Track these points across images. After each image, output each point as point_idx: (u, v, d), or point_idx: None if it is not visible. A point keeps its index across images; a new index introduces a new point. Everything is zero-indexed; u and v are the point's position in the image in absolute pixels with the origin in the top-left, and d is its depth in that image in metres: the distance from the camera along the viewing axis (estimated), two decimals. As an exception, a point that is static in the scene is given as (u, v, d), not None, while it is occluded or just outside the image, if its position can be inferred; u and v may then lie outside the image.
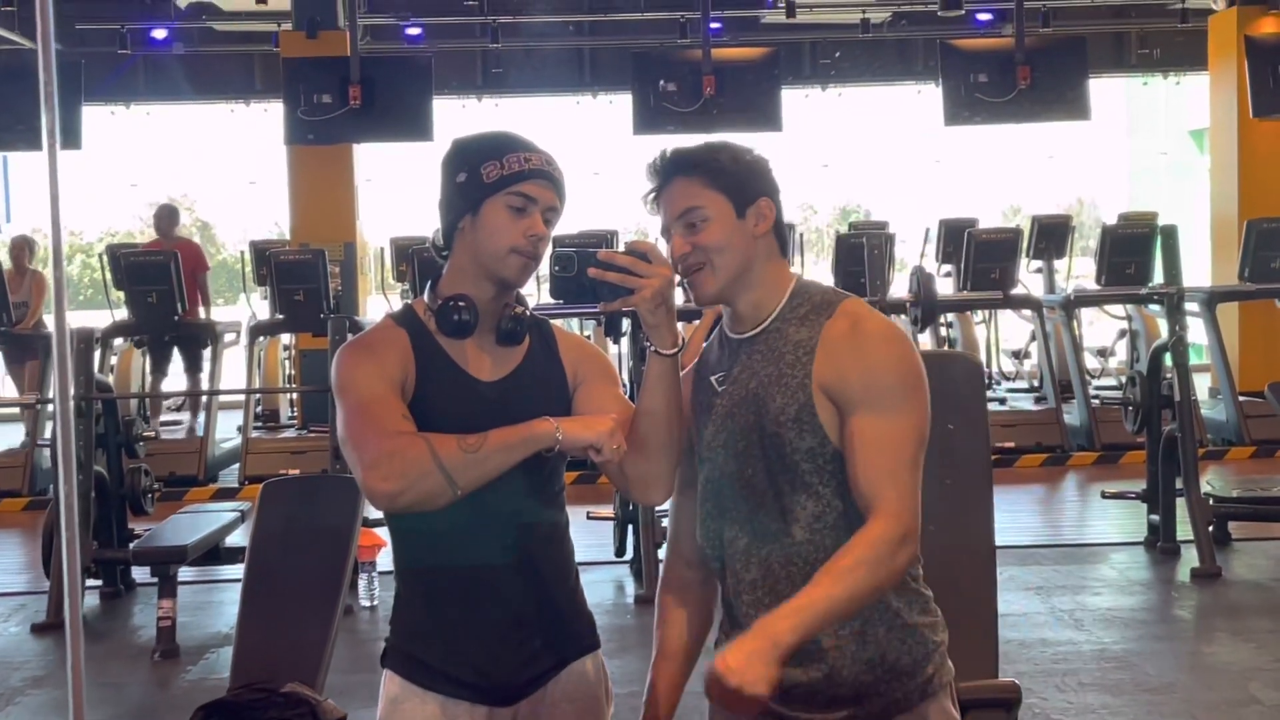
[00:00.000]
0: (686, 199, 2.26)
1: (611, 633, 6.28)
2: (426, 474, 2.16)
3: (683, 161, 2.28)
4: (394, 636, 2.46)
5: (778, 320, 2.30)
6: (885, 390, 2.20)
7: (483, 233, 2.32)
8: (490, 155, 2.33)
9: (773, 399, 2.25)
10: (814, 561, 2.23)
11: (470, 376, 2.36)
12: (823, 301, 2.29)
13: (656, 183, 2.31)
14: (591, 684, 2.46)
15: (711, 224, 2.25)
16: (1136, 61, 15.57)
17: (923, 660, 2.28)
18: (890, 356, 2.22)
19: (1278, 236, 10.63)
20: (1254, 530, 7.75)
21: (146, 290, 10.24)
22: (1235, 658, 5.79)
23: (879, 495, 2.17)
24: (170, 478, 9.69)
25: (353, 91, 9.59)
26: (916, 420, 2.22)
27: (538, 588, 2.39)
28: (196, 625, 6.73)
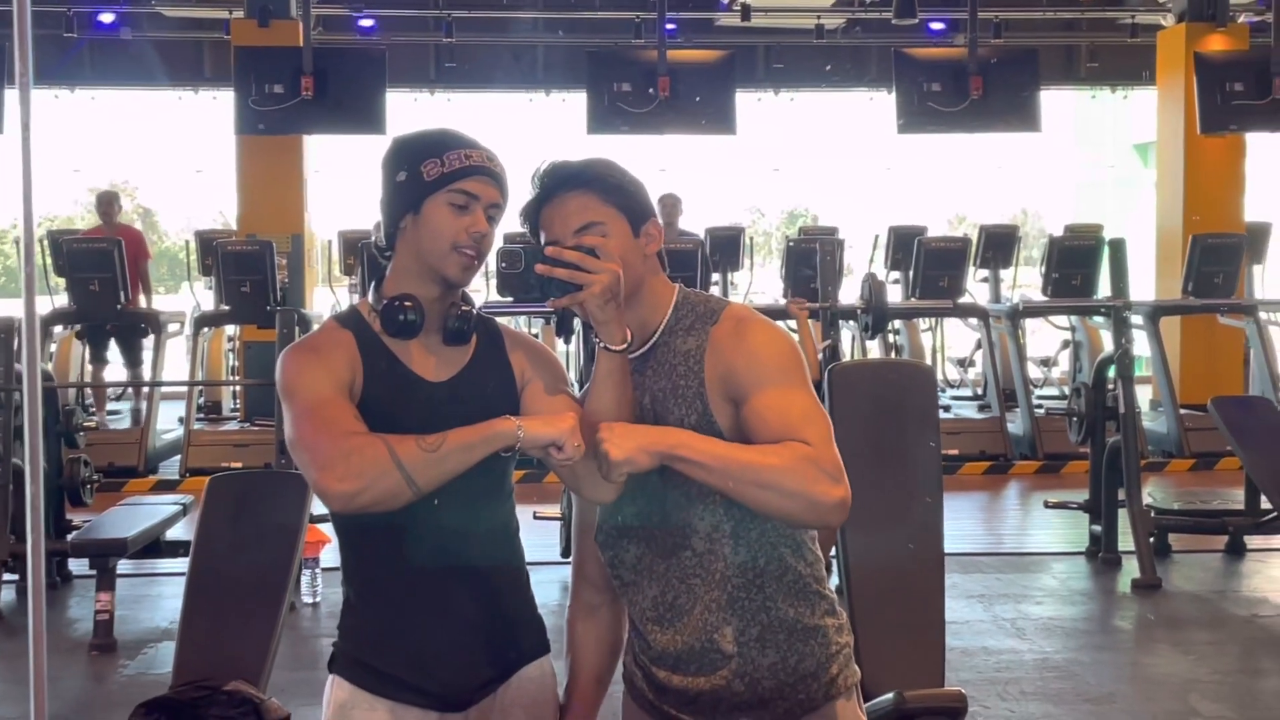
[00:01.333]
0: (586, 213, 2.24)
1: (558, 634, 6.23)
2: (385, 473, 2.12)
3: (579, 175, 2.27)
4: (342, 641, 2.41)
5: (665, 334, 2.30)
6: (774, 370, 2.20)
7: (425, 231, 2.30)
8: (430, 153, 2.30)
9: (670, 412, 2.25)
10: (714, 572, 2.24)
11: (418, 377, 2.34)
12: (706, 310, 2.30)
13: (542, 193, 2.28)
14: (543, 688, 2.44)
15: (611, 240, 2.23)
16: (1086, 75, 15.72)
17: (826, 662, 2.29)
18: (770, 341, 2.23)
19: (1222, 252, 10.77)
20: (1193, 543, 7.83)
21: (89, 278, 10.10)
22: (1175, 669, 5.85)
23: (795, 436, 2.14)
24: (110, 468, 9.55)
25: (305, 82, 9.50)
26: (814, 399, 2.21)
27: (489, 592, 2.37)
28: (134, 619, 6.64)
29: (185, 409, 10.64)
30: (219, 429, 11.22)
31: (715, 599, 2.25)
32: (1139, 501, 7.31)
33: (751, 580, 2.25)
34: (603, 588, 2.44)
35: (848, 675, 2.33)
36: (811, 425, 2.16)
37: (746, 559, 2.25)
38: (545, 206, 2.28)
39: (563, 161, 2.31)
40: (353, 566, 2.39)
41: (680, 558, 2.27)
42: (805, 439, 2.13)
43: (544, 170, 2.29)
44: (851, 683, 2.34)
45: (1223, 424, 7.47)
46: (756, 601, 2.26)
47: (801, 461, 2.10)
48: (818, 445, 2.13)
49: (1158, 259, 12.82)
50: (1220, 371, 11.82)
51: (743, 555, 2.25)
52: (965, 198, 35.74)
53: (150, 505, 7.28)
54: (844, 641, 2.33)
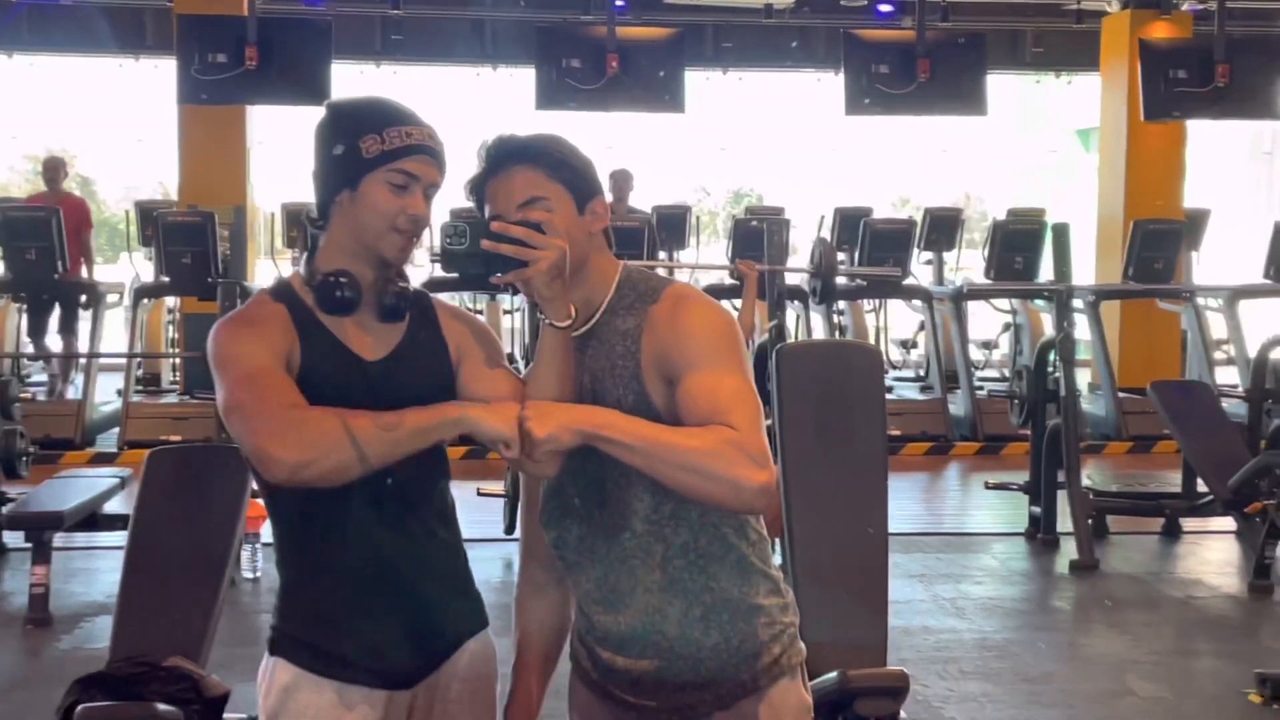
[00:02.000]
0: (531, 188, 2.21)
1: (500, 610, 6.15)
2: (338, 447, 2.09)
3: (525, 150, 2.24)
4: (283, 624, 2.37)
5: (606, 313, 2.27)
6: (706, 351, 2.17)
7: (362, 209, 2.25)
8: (370, 128, 2.25)
9: (608, 392, 2.23)
10: (654, 554, 2.23)
11: (355, 354, 2.30)
12: (648, 289, 2.27)
13: (489, 166, 2.25)
14: (484, 662, 2.43)
15: (555, 216, 2.19)
16: (1031, 60, 15.80)
17: (769, 642, 2.28)
18: (705, 320, 2.21)
19: (1162, 238, 10.89)
20: (1130, 524, 7.93)
21: (25, 247, 9.94)
22: (1111, 649, 5.92)
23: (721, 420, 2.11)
24: (46, 440, 9.40)
25: (249, 52, 9.36)
26: (747, 381, 2.18)
27: (429, 570, 2.34)
28: (71, 593, 6.56)
29: (124, 381, 10.51)
30: (158, 402, 11.10)
31: (657, 580, 2.24)
32: (1078, 484, 7.39)
33: (693, 561, 2.24)
34: (550, 566, 2.42)
35: (792, 655, 2.32)
36: (740, 408, 2.13)
37: (688, 539, 2.24)
38: (491, 180, 2.25)
39: (509, 135, 2.28)
40: (290, 549, 2.35)
41: (620, 539, 2.25)
42: (731, 423, 2.10)
43: (490, 144, 2.26)
44: (795, 662, 2.33)
45: (1162, 408, 7.56)
46: (699, 582, 2.25)
47: (725, 445, 2.08)
48: (744, 429, 2.10)
49: (1098, 244, 12.94)
50: (1158, 356, 11.96)
51: (684, 536, 2.24)
52: (908, 180, 35.90)
53: (88, 478, 7.19)
54: (788, 621, 2.33)
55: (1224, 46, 10.46)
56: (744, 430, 2.10)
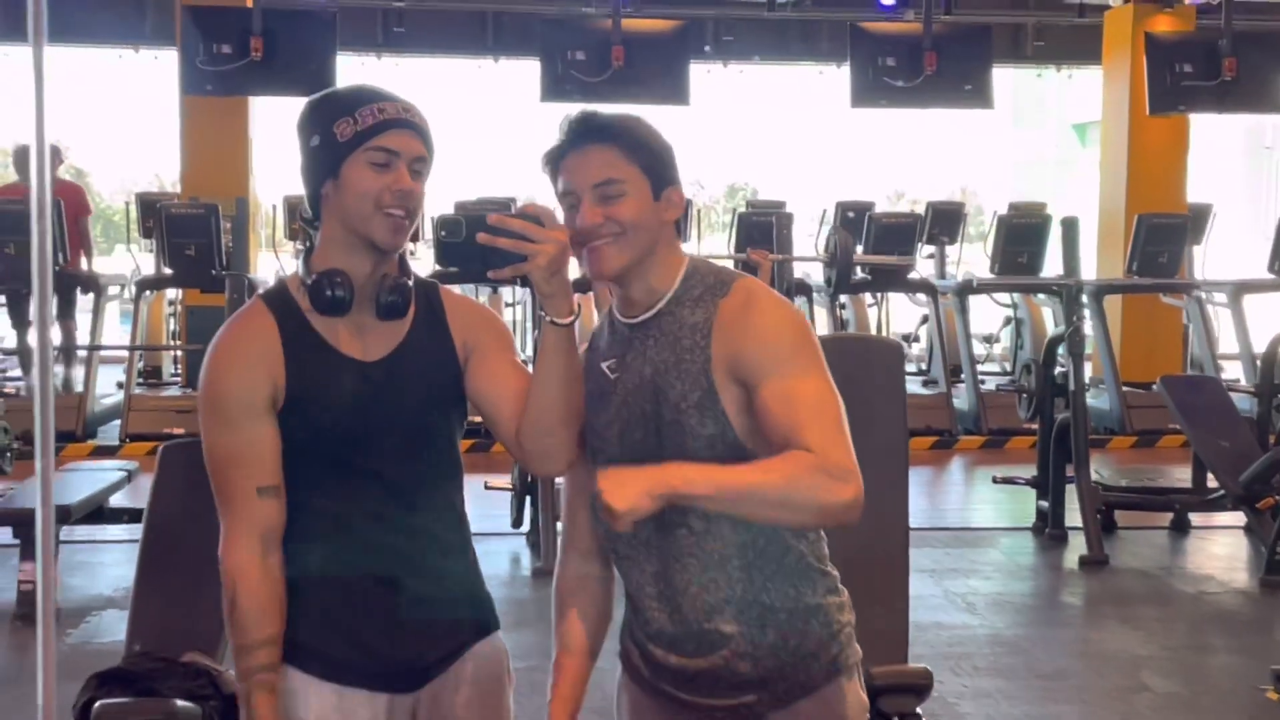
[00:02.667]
0: (608, 168, 2.16)
1: (509, 605, 6.20)
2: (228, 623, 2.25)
3: (607, 129, 2.18)
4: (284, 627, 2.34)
5: (671, 304, 2.22)
6: (787, 356, 2.11)
7: (347, 196, 2.19)
8: (341, 112, 2.19)
9: (672, 386, 2.17)
10: (712, 552, 2.19)
11: (348, 359, 2.25)
12: (717, 282, 2.21)
13: (567, 142, 2.19)
14: (492, 666, 2.39)
15: (629, 199, 2.15)
16: (1032, 53, 15.78)
17: (827, 641, 2.25)
18: (782, 322, 2.15)
19: (1167, 231, 10.88)
20: (1138, 519, 7.91)
21: (22, 239, 9.87)
22: (1124, 645, 5.90)
23: (804, 440, 2.05)
24: (28, 434, 9.31)
25: (254, 43, 9.32)
26: (825, 381, 2.13)
27: (435, 572, 2.31)
28: (68, 588, 6.50)
29: (126, 374, 10.47)
30: (160, 394, 11.05)
31: (714, 579, 2.20)
32: (1088, 478, 7.37)
33: (751, 561, 2.20)
34: (594, 560, 2.38)
35: (849, 654, 2.29)
36: (817, 419, 2.07)
37: (746, 539, 2.19)
38: (569, 155, 2.18)
39: (593, 112, 2.21)
40: (294, 546, 2.31)
41: (677, 535, 2.21)
42: (808, 439, 2.04)
43: (573, 118, 2.20)
44: (853, 662, 2.30)
45: (1172, 403, 7.54)
46: (757, 582, 2.21)
47: (804, 472, 2.03)
48: (823, 444, 2.04)
49: (1099, 238, 12.92)
50: (1161, 349, 11.94)
51: (742, 535, 2.19)
52: (904, 175, 35.91)
53: (92, 471, 7.14)
54: (845, 620, 2.29)
55: (1231, 40, 10.43)
56: (823, 445, 2.04)
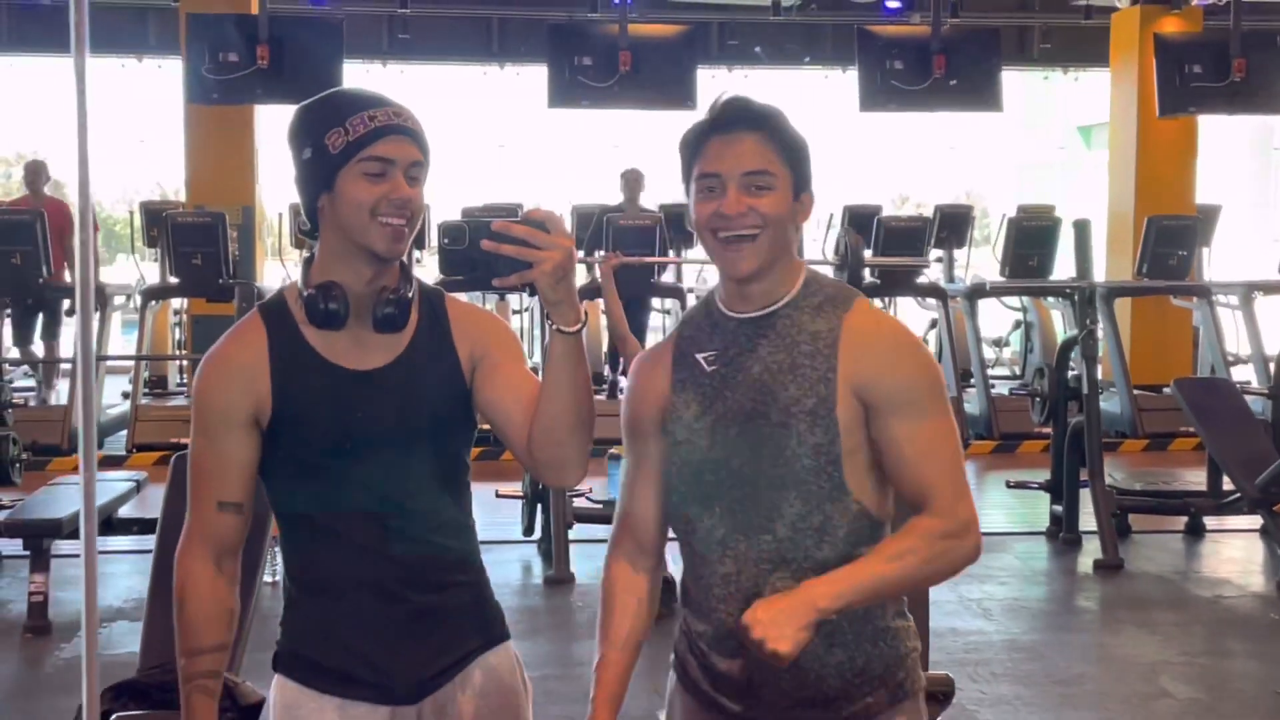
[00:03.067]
0: (761, 160, 2.11)
1: (521, 614, 6.18)
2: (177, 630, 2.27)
3: (763, 119, 2.14)
4: (284, 639, 2.31)
5: (789, 307, 2.17)
6: (924, 394, 2.14)
7: (343, 208, 2.14)
8: (332, 122, 2.13)
9: (784, 389, 2.13)
10: (792, 561, 2.13)
11: (342, 369, 2.21)
12: (837, 294, 2.19)
13: (717, 124, 2.14)
14: (503, 677, 2.33)
15: (776, 195, 2.12)
16: (1039, 55, 15.74)
17: (894, 666, 2.20)
18: (921, 361, 2.17)
19: (1177, 233, 10.84)
20: (1152, 523, 7.86)
21: (10, 251, 9.83)
22: (1142, 650, 5.86)
23: (932, 493, 2.12)
24: (34, 446, 9.23)
25: (260, 51, 9.29)
26: (950, 419, 2.17)
27: (440, 583, 2.26)
28: (72, 600, 6.43)
29: (132, 384, 10.43)
30: (166, 404, 11.02)
31: (787, 589, 2.11)
32: (1102, 482, 7.33)
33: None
34: (649, 554, 2.32)
35: (914, 680, 2.24)
36: (948, 471, 2.13)
37: (829, 556, 2.13)
38: (715, 137, 2.13)
39: (747, 97, 2.17)
40: (294, 559, 2.29)
41: (759, 540, 2.14)
42: (937, 497, 2.10)
43: (726, 99, 2.16)
44: (918, 688, 2.25)
45: (1186, 406, 7.48)
46: None
47: (933, 543, 2.09)
48: (950, 500, 2.11)
49: (1108, 241, 12.88)
50: (1171, 352, 11.90)
51: (825, 552, 2.13)
52: (909, 178, 35.84)
53: (100, 483, 7.02)
54: (912, 646, 2.24)
55: (1239, 41, 10.39)
56: (950, 502, 2.12)
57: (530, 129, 11.52)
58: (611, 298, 6.87)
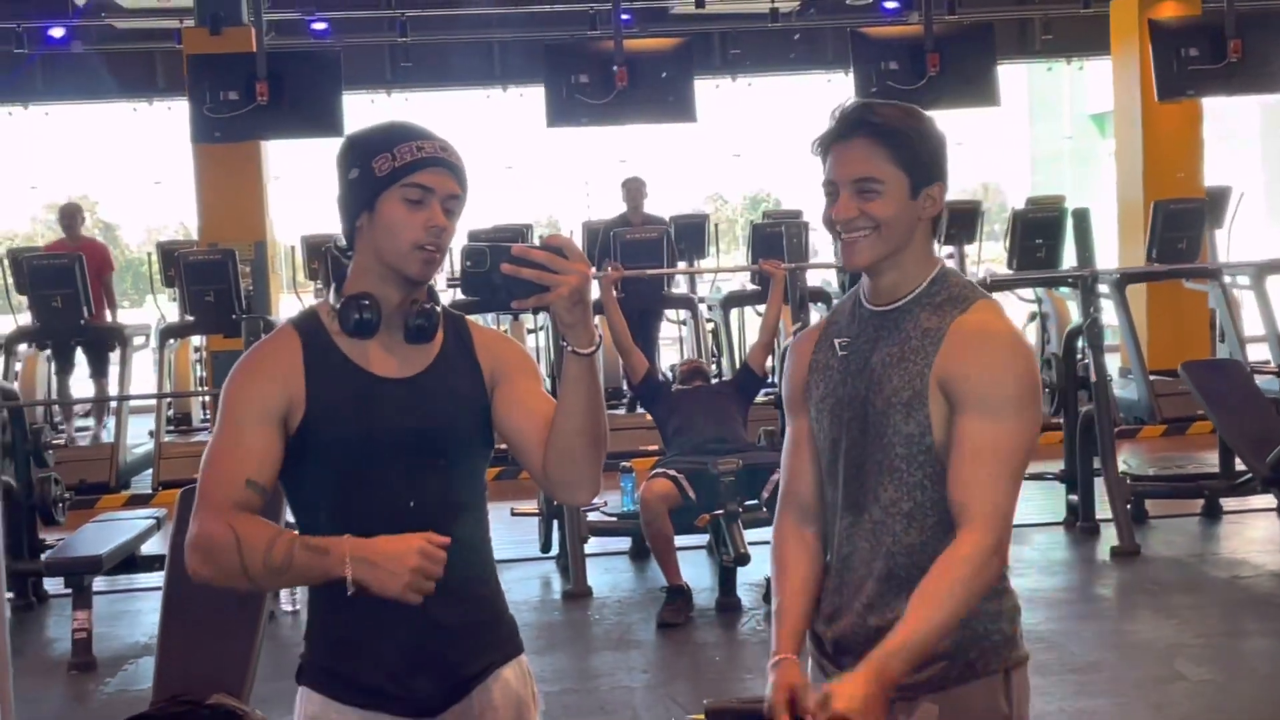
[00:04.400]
0: (868, 167, 2.24)
1: (539, 630, 6.23)
2: (231, 574, 2.18)
3: (874, 124, 2.26)
4: (309, 651, 2.38)
5: (912, 303, 2.30)
6: (1002, 397, 2.21)
7: (381, 229, 2.25)
8: (381, 148, 2.25)
9: (889, 378, 2.27)
10: (882, 543, 2.29)
11: (372, 375, 2.30)
12: (959, 294, 2.30)
13: (838, 131, 2.28)
14: (516, 691, 2.40)
15: (885, 198, 2.24)
16: (1041, 47, 15.76)
17: (967, 645, 2.26)
18: (1014, 364, 2.24)
19: (1184, 217, 10.82)
20: (1169, 508, 7.86)
21: (51, 294, 9.99)
22: (1158, 634, 5.87)
23: (975, 503, 2.19)
24: (81, 485, 9.44)
25: (259, 88, 9.40)
26: (1027, 432, 2.22)
27: (457, 594, 2.31)
28: (113, 636, 6.58)
29: (155, 422, 10.55)
30: (190, 440, 11.13)
31: (879, 569, 2.30)
32: (1114, 469, 7.33)
33: (915, 561, 2.26)
34: (814, 516, 2.44)
35: (989, 663, 2.28)
36: (992, 491, 2.18)
37: (915, 540, 2.27)
38: (836, 144, 2.28)
39: (868, 104, 2.30)
40: None
41: (861, 519, 2.32)
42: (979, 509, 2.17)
43: (847, 108, 2.30)
44: (992, 670, 2.28)
45: (1195, 388, 7.49)
46: (915, 581, 2.23)
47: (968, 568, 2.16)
48: (988, 515, 2.17)
49: (1119, 227, 12.85)
50: (1187, 336, 11.86)
51: (913, 536, 2.27)
52: (925, 175, 35.75)
53: (123, 520, 7.21)
54: (996, 630, 2.29)
55: (1235, 22, 10.38)
56: (987, 520, 2.17)
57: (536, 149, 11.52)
58: (612, 310, 6.94)
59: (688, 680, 5.59)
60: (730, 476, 6.26)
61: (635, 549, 7.37)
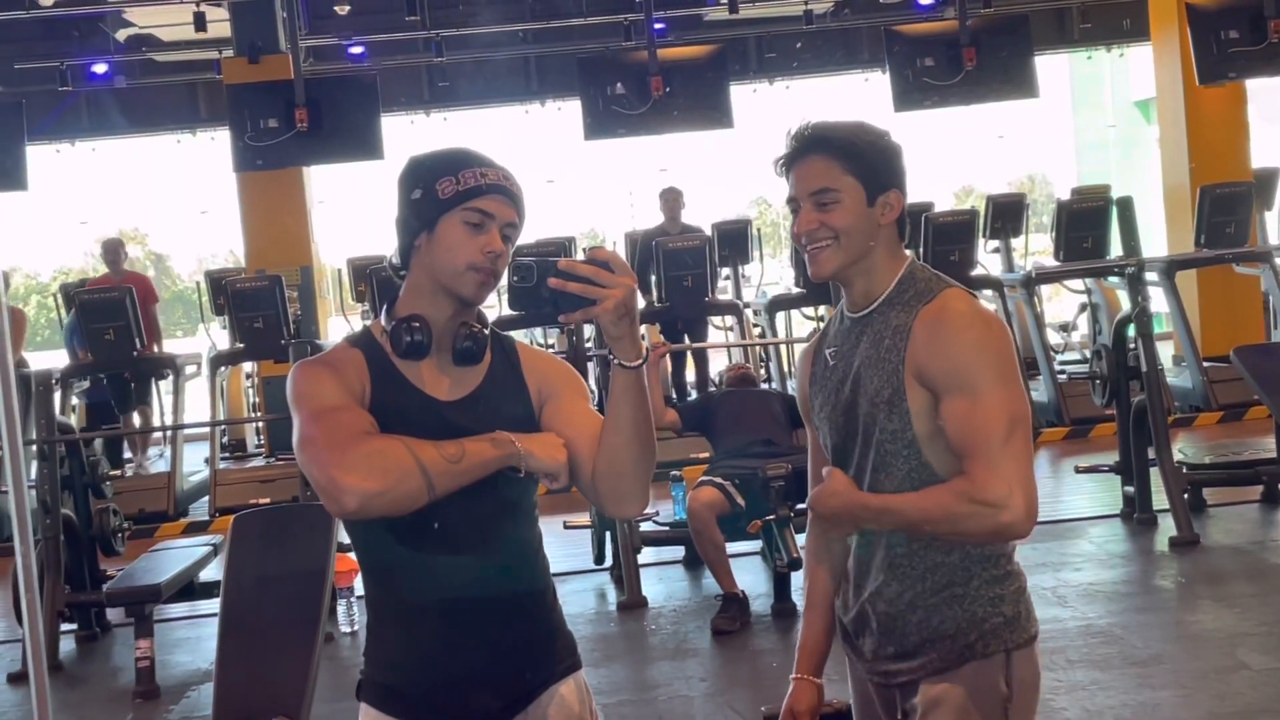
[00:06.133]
0: (823, 179, 2.35)
1: (595, 642, 6.24)
2: (408, 475, 2.13)
3: (826, 140, 2.36)
4: (368, 668, 2.40)
5: (885, 304, 2.39)
6: (974, 373, 2.27)
7: (439, 250, 2.28)
8: (446, 171, 2.29)
9: (870, 380, 2.36)
10: (880, 534, 2.39)
11: (428, 396, 2.32)
12: (925, 289, 2.38)
13: (793, 151, 2.39)
14: (572, 707, 2.40)
15: (843, 207, 2.34)
16: (1079, 36, 15.63)
17: (967, 628, 2.36)
18: (971, 339, 2.30)
19: (1231, 201, 10.69)
20: (1228, 495, 7.76)
21: (103, 327, 10.13)
22: (1220, 624, 5.79)
23: (967, 465, 2.27)
24: (140, 515, 9.58)
25: (299, 114, 9.51)
26: (1010, 402, 2.27)
27: (511, 612, 2.34)
28: (175, 664, 6.65)
29: (210, 449, 10.66)
30: (245, 467, 11.24)
31: (880, 559, 2.41)
32: (1169, 459, 7.25)
33: (911, 550, 2.38)
34: None
35: (990, 645, 2.37)
36: (984, 445, 2.25)
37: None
38: (794, 164, 2.40)
39: (820, 123, 2.40)
40: (373, 591, 2.38)
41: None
42: (970, 466, 2.25)
43: (798, 129, 2.40)
44: (993, 651, 2.36)
45: (1247, 373, 7.39)
46: (917, 570, 2.37)
47: (959, 502, 2.24)
48: (983, 472, 2.23)
49: (1167, 214, 12.74)
50: (1241, 321, 11.73)
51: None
52: (970, 169, 35.60)
53: (181, 549, 7.29)
54: (999, 613, 2.38)
55: (1274, 2, 10.27)
56: (982, 473, 2.24)
57: (577, 162, 11.55)
58: (654, 385, 6.96)
59: (746, 688, 5.58)
60: (780, 481, 6.25)
61: (689, 558, 7.36)
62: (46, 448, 6.98)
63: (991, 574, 2.38)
